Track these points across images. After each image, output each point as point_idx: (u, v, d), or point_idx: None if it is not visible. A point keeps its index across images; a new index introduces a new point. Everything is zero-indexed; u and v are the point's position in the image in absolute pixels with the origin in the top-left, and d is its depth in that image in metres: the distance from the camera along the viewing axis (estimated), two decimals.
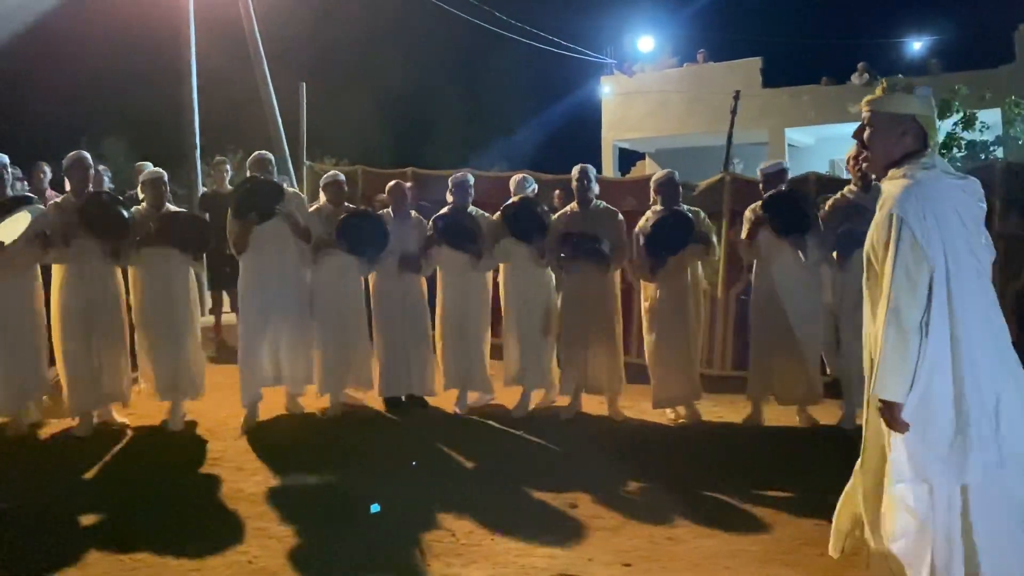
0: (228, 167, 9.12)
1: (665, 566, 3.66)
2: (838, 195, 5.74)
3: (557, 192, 8.23)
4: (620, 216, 6.24)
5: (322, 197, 6.38)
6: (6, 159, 5.65)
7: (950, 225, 2.70)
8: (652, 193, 6.23)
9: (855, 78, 18.03)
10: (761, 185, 6.08)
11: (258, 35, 14.03)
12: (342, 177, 6.49)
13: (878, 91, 2.91)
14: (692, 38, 22.28)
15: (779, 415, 6.09)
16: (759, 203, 5.90)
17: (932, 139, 2.86)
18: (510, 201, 6.33)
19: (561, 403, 6.33)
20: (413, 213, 6.56)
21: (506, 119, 28.34)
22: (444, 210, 6.36)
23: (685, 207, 6.13)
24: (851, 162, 5.56)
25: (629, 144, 21.67)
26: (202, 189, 11.70)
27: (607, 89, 20.99)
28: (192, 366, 5.92)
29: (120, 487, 4.76)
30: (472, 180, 6.55)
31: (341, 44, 24.84)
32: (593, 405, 6.34)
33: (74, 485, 4.77)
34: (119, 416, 5.96)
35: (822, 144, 19.94)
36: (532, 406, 6.38)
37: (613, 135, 20.97)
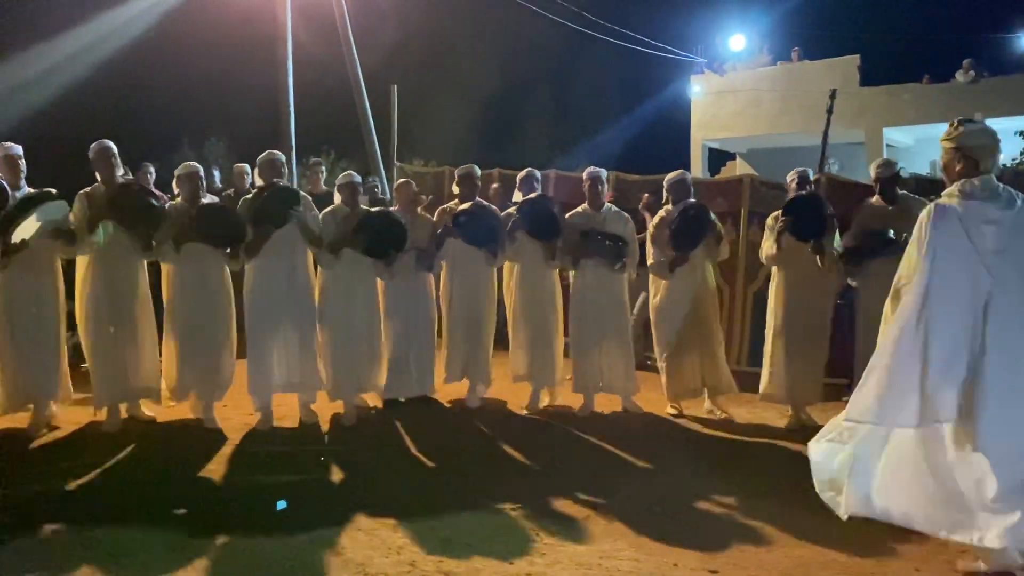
0: (323, 168, 9.37)
1: (753, 574, 3.60)
2: (866, 204, 5.79)
3: (646, 195, 8.15)
4: (630, 219, 6.41)
5: (337, 198, 6.26)
6: (19, 149, 5.55)
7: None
8: (664, 192, 6.38)
9: (960, 76, 17.29)
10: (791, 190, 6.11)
11: (352, 40, 14.36)
12: (357, 178, 6.33)
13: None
14: (786, 36, 21.72)
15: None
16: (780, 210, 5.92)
17: (983, 165, 3.50)
18: (526, 198, 6.35)
19: (564, 401, 6.51)
20: (420, 211, 6.59)
21: (594, 119, 28.23)
22: (465, 206, 6.30)
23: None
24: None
25: (719, 144, 21.30)
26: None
27: (697, 88, 20.67)
28: (226, 364, 5.87)
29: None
30: (478, 172, 6.60)
31: (431, 47, 25.19)
32: (606, 402, 6.44)
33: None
34: (148, 411, 5.93)
35: (922, 144, 19.22)
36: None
37: (703, 135, 20.65)
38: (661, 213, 6.33)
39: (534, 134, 27.13)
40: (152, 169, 8.19)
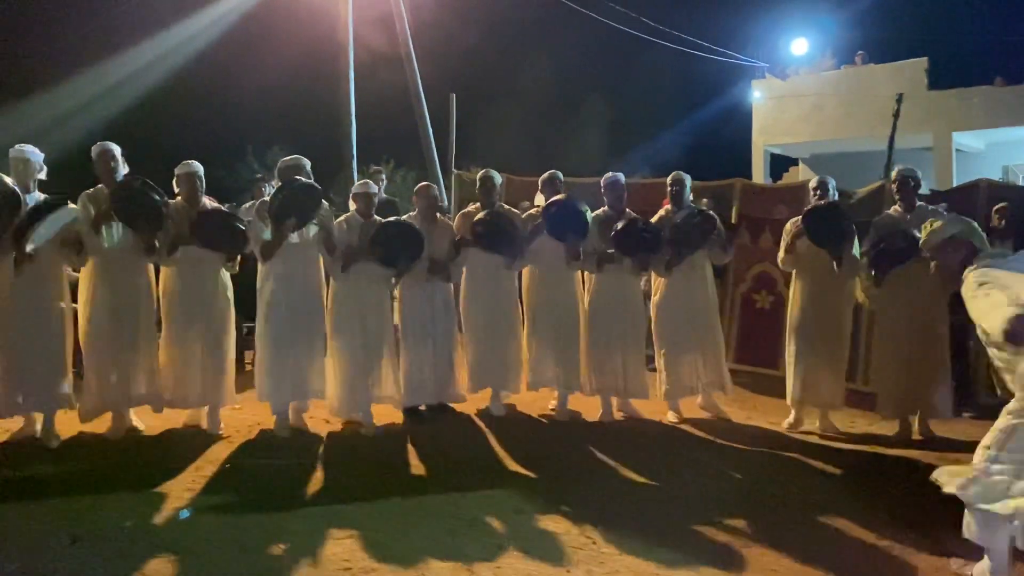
0: (383, 176, 9.49)
1: None
2: (884, 214, 5.98)
3: (705, 200, 8.07)
4: (650, 223, 6.40)
5: (351, 206, 6.14)
6: (38, 156, 5.44)
7: None
8: (668, 190, 6.45)
9: None
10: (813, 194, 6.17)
11: (412, 50, 14.53)
12: (373, 188, 6.18)
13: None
14: (850, 39, 21.23)
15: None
16: (800, 216, 6.01)
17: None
18: (553, 199, 6.29)
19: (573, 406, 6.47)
20: (439, 216, 6.44)
21: (652, 125, 28.05)
22: (482, 215, 6.21)
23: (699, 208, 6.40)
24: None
25: (781, 149, 20.97)
26: None
27: (758, 93, 20.40)
28: (226, 373, 5.73)
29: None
30: (500, 179, 6.57)
31: (490, 55, 25.34)
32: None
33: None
34: (136, 420, 5.74)
35: (993, 149, 18.64)
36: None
37: (764, 140, 20.36)
38: (661, 212, 6.45)
39: (593, 140, 27.06)
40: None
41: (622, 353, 6.30)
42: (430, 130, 14.70)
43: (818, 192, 6.10)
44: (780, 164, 21.43)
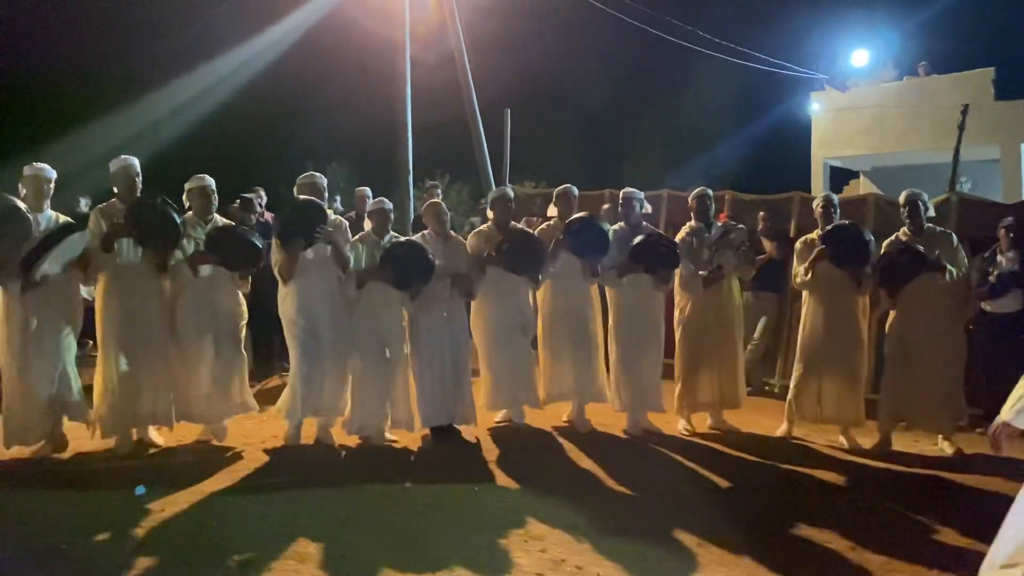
0: (439, 191, 9.61)
1: None
2: (893, 237, 6.05)
3: (762, 214, 7.98)
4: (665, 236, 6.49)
5: (367, 224, 6.11)
6: (51, 173, 5.45)
7: None
8: (690, 207, 6.55)
9: None
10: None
11: (468, 66, 14.67)
12: (388, 205, 6.12)
13: None
14: (912, 50, 20.76)
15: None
16: (816, 233, 6.13)
17: None
18: (575, 217, 6.28)
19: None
20: (453, 234, 6.35)
21: (708, 138, 27.81)
22: (505, 238, 6.16)
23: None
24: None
25: (841, 162, 20.60)
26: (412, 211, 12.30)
27: (817, 106, 20.08)
28: (240, 386, 5.77)
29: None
30: (512, 195, 6.57)
31: (545, 69, 25.45)
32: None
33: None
34: (157, 436, 5.76)
35: None
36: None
37: (824, 153, 20.02)
38: (686, 228, 6.46)
39: (647, 153, 26.96)
40: (262, 193, 8.22)
41: (642, 367, 6.31)
42: (484, 145, 14.79)
43: (825, 210, 6.15)
44: (840, 177, 21.04)
